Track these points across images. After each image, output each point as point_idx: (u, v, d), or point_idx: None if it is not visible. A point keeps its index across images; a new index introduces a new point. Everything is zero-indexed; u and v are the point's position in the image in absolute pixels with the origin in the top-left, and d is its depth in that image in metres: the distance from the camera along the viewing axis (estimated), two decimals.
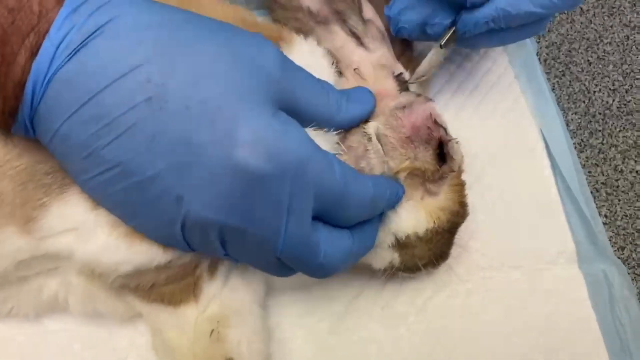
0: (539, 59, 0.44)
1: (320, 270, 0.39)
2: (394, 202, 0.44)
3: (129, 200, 0.36)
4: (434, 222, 0.47)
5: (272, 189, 0.34)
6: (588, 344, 0.53)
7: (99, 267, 0.41)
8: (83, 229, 0.40)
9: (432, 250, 0.48)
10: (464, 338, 0.52)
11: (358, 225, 0.41)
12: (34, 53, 0.32)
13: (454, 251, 0.54)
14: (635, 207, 0.60)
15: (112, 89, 0.33)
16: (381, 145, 0.45)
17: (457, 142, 0.48)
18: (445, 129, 0.47)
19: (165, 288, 0.44)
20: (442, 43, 0.48)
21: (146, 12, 0.34)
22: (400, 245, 0.47)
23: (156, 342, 0.48)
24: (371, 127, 0.45)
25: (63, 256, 0.42)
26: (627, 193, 0.61)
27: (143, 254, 0.40)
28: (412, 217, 0.46)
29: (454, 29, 0.47)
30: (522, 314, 0.53)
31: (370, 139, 0.45)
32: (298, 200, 0.35)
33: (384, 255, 0.47)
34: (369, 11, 0.48)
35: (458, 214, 0.49)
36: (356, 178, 0.39)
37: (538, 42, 0.50)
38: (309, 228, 0.37)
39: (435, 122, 0.46)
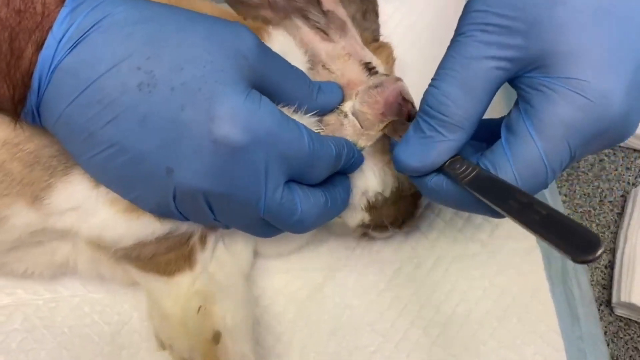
0: None
1: (299, 225, 0.43)
2: (350, 161, 0.47)
3: (126, 176, 0.40)
4: (399, 183, 0.51)
5: (249, 158, 0.38)
6: (540, 310, 0.57)
7: (103, 241, 0.46)
8: (86, 206, 0.44)
9: (397, 211, 0.53)
10: (427, 304, 0.57)
11: (330, 187, 0.45)
12: (39, 47, 0.36)
13: (421, 227, 0.60)
14: (594, 186, 0.64)
15: (107, 77, 0.36)
16: (358, 120, 0.49)
17: None
18: (412, 104, 0.50)
19: (163, 257, 0.49)
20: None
21: (136, 9, 0.38)
22: (371, 206, 0.51)
23: (152, 310, 0.52)
24: (347, 105, 0.50)
25: (70, 232, 0.46)
26: (587, 174, 0.65)
27: (142, 227, 0.45)
28: (380, 177, 0.51)
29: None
30: (481, 283, 0.58)
31: (346, 116, 0.49)
32: (273, 166, 0.39)
33: (356, 215, 0.52)
34: (328, 2, 0.49)
35: None
36: (321, 142, 0.43)
37: None
38: (287, 189, 0.41)
39: (404, 99, 0.50)
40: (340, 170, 0.47)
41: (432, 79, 0.42)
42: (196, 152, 0.37)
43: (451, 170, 0.41)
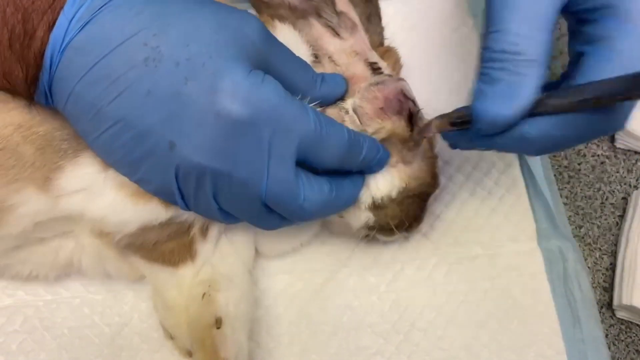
0: None
1: (300, 212, 0.42)
2: (375, 157, 0.47)
3: (131, 153, 0.40)
4: (405, 184, 0.51)
5: (250, 133, 0.38)
6: (541, 312, 0.57)
7: (108, 225, 0.46)
8: (93, 189, 0.44)
9: (403, 212, 0.52)
10: (428, 306, 0.57)
11: (338, 178, 0.45)
12: (50, 27, 0.37)
13: (422, 229, 0.60)
14: (595, 188, 0.64)
15: (115, 53, 0.37)
16: (357, 116, 0.49)
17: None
18: (413, 101, 0.51)
19: (166, 246, 0.49)
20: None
21: None
22: (375, 206, 0.51)
23: (156, 301, 0.53)
24: (348, 102, 0.50)
25: (76, 216, 0.46)
26: (588, 176, 0.65)
27: (147, 212, 0.45)
28: (388, 180, 0.50)
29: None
30: (482, 285, 0.58)
31: (347, 112, 0.49)
32: (277, 144, 0.39)
33: (360, 215, 0.51)
34: (342, 3, 0.51)
35: (429, 184, 0.53)
36: (331, 123, 0.42)
37: None
38: (291, 171, 0.40)
39: (405, 96, 0.50)
40: (364, 169, 0.47)
41: (489, 29, 0.40)
42: (198, 126, 0.38)
43: (544, 108, 0.39)
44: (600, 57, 0.39)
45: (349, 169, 0.46)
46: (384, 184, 0.50)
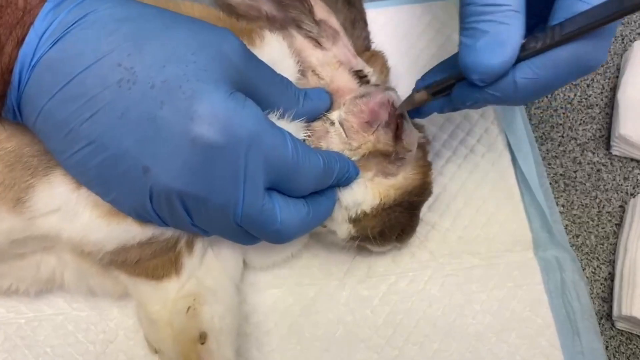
0: None
1: (277, 235, 0.42)
2: (344, 176, 0.47)
3: (104, 175, 0.39)
4: (381, 199, 0.50)
5: (227, 160, 0.37)
6: (539, 324, 0.55)
7: (87, 245, 0.44)
8: (66, 209, 0.43)
9: (382, 223, 0.51)
10: (423, 319, 0.55)
11: (313, 197, 0.44)
12: (19, 42, 0.36)
13: (417, 240, 0.59)
14: (591, 197, 0.63)
15: (88, 72, 0.36)
16: (343, 129, 0.48)
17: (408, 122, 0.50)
18: (401, 114, 0.49)
19: (150, 263, 0.47)
20: (431, 92, 0.47)
21: (121, 7, 0.38)
22: (353, 219, 0.50)
23: (140, 314, 0.51)
24: (334, 114, 0.49)
25: (53, 236, 0.44)
26: (584, 184, 0.64)
27: (124, 231, 0.43)
28: (360, 196, 0.49)
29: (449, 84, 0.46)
30: (478, 297, 0.56)
31: (332, 124, 0.48)
32: (253, 170, 0.38)
33: (343, 227, 0.50)
34: (321, 11, 0.50)
35: (412, 193, 0.52)
36: (308, 152, 0.42)
37: None
38: (264, 196, 0.40)
39: (393, 106, 0.49)
40: (333, 185, 0.46)
41: None
42: (173, 151, 0.37)
43: (530, 51, 0.41)
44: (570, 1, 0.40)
45: (320, 189, 0.45)
46: (359, 198, 0.49)
